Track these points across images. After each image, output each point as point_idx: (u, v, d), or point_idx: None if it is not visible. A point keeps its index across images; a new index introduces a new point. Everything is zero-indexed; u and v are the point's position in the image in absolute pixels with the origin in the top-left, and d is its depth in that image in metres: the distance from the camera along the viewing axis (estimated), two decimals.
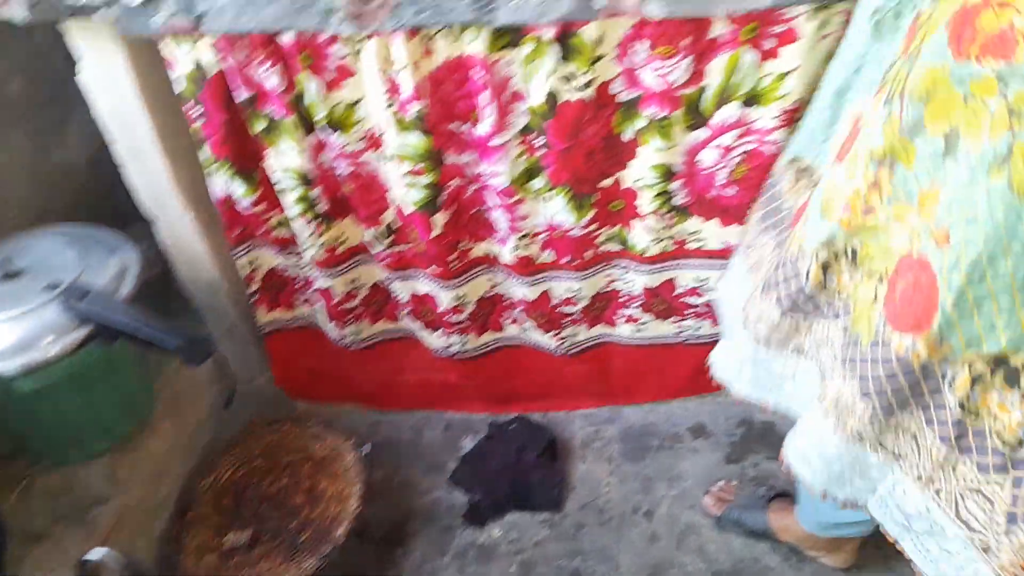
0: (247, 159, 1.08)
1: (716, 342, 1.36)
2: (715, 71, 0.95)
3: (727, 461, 1.45)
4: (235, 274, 1.29)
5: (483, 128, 1.02)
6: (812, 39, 0.89)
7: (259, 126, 1.02)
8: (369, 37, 0.92)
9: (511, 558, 1.35)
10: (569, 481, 1.45)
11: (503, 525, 1.39)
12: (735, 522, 1.32)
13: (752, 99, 0.97)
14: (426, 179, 1.07)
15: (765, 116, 0.98)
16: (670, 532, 1.36)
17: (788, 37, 0.90)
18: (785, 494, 1.30)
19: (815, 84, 0.92)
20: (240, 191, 1.12)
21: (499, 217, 1.16)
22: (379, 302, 1.35)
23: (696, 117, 1.01)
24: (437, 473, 1.48)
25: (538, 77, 0.95)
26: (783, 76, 0.93)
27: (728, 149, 1.03)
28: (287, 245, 1.23)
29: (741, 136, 1.01)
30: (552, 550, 1.35)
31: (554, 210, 1.13)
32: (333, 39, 0.94)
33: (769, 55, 0.92)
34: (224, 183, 1.11)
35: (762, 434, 1.49)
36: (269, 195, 1.14)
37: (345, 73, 0.98)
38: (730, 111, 0.99)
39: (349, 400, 1.55)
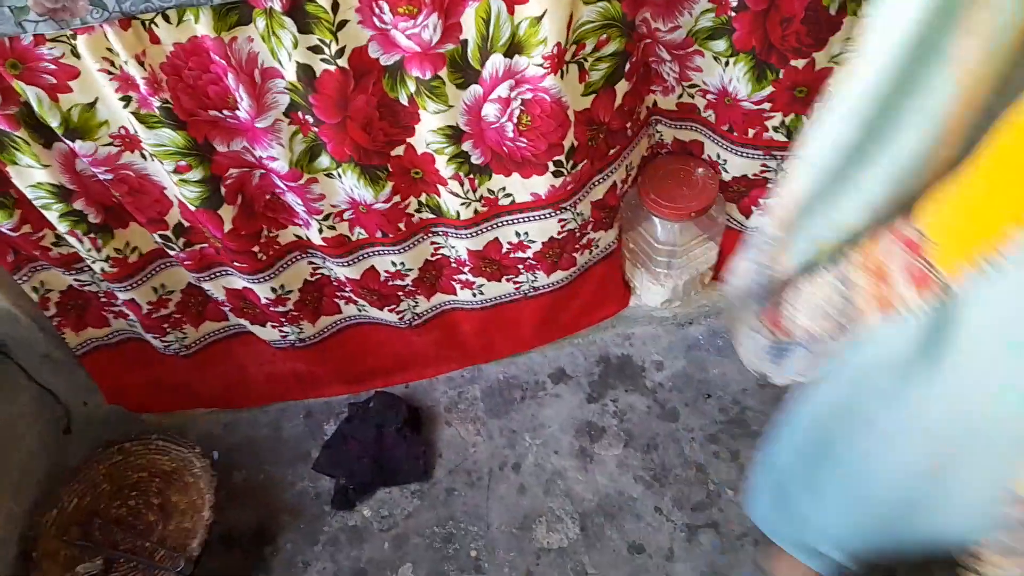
0: None
1: (557, 289, 1.37)
2: (468, 25, 0.90)
3: (588, 400, 1.47)
4: (31, 300, 1.19)
5: (243, 112, 0.95)
6: None
7: None
8: (78, 33, 0.83)
9: (383, 535, 1.34)
10: (435, 448, 1.44)
11: (372, 504, 1.38)
12: None
13: (514, 48, 0.93)
14: (196, 174, 0.99)
15: (531, 64, 0.94)
16: (537, 481, 1.38)
17: None
18: None
19: (571, 27, 0.88)
20: None
21: (293, 201, 1.10)
22: (197, 303, 1.28)
23: (465, 74, 0.96)
24: (302, 464, 1.45)
25: (283, 52, 0.88)
26: (538, 20, 0.89)
27: (506, 101, 1.00)
28: (74, 262, 1.14)
29: (514, 88, 0.97)
30: (424, 519, 1.36)
31: (349, 186, 1.07)
32: (41, 39, 0.84)
33: (517, 0, 0.88)
34: None
35: (620, 368, 1.51)
36: (32, 215, 1.04)
37: (68, 74, 0.88)
38: (496, 63, 0.95)
39: (197, 405, 1.49)
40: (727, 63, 1.05)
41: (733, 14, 0.98)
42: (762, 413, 1.39)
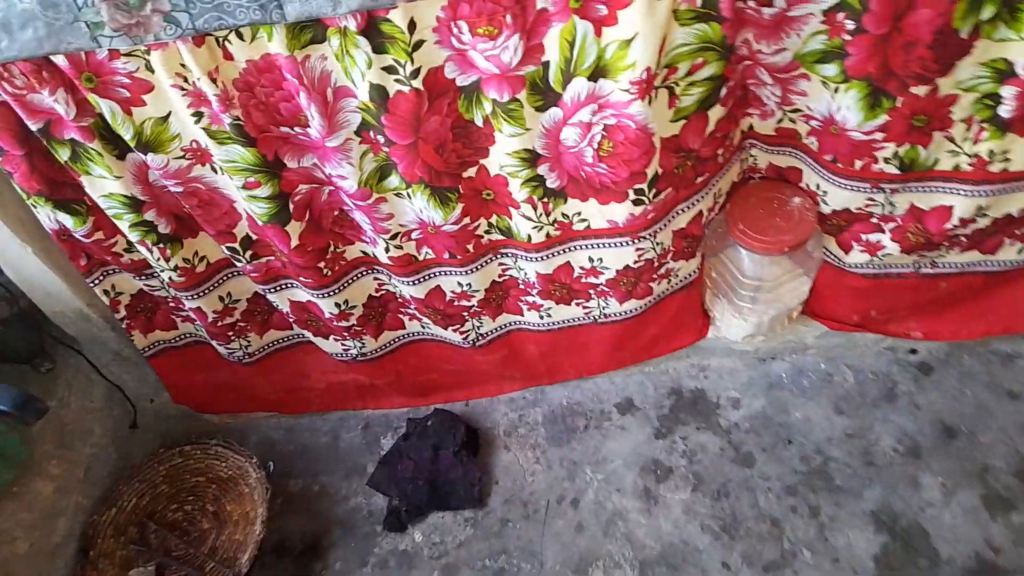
0: (66, 189, 0.98)
1: (629, 318, 1.29)
2: (552, 46, 0.84)
3: (656, 436, 1.39)
4: (102, 300, 1.20)
5: (314, 131, 0.92)
6: (648, 1, 0.77)
7: (63, 155, 0.92)
8: (152, 48, 0.81)
9: (434, 563, 1.30)
10: (492, 474, 1.39)
11: (425, 528, 1.34)
12: None
13: (599, 72, 0.86)
14: (265, 191, 0.97)
15: (616, 89, 0.87)
16: (597, 520, 1.31)
17: (621, 1, 0.78)
18: None
19: (663, 51, 0.80)
20: (69, 222, 1.02)
21: (361, 219, 1.06)
22: (263, 312, 1.27)
23: (545, 96, 0.90)
24: (357, 477, 1.43)
25: (356, 71, 0.84)
26: (627, 44, 0.82)
27: (587, 126, 0.93)
28: (144, 267, 1.14)
29: (597, 112, 0.90)
30: (476, 550, 1.31)
31: (419, 207, 1.03)
32: (116, 54, 0.82)
33: (606, 22, 0.80)
34: (49, 216, 1.01)
35: (692, 402, 1.43)
36: (105, 222, 1.04)
37: (142, 88, 0.86)
38: (579, 86, 0.88)
39: (259, 409, 1.49)
40: (837, 89, 0.95)
41: (848, 37, 0.87)
42: (847, 466, 1.27)
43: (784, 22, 0.88)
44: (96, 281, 1.15)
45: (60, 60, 0.81)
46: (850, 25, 0.86)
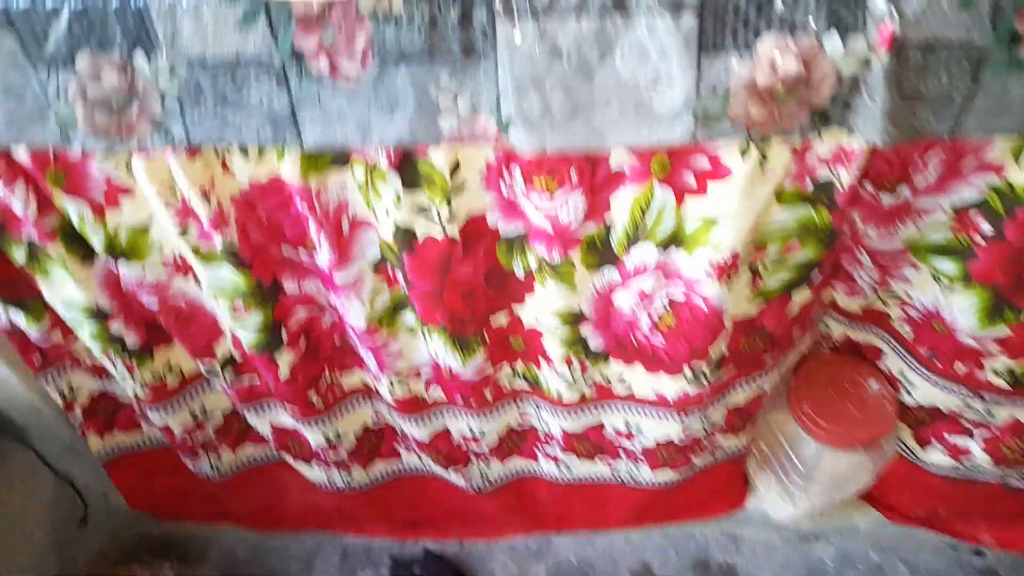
0: (19, 288, 0.83)
1: (660, 488, 1.11)
2: (620, 208, 0.68)
3: None
4: None
5: (322, 260, 0.76)
6: (749, 178, 0.62)
7: (18, 256, 0.77)
8: (134, 153, 0.66)
9: None
10: None
11: None
12: None
13: (672, 240, 0.70)
14: (255, 318, 0.81)
15: (693, 265, 0.71)
16: None
17: (716, 172, 0.63)
18: None
19: (756, 235, 0.65)
20: (22, 321, 0.87)
21: (366, 354, 0.90)
22: (238, 428, 1.10)
23: (602, 257, 0.74)
24: None
25: (381, 207, 0.69)
26: (714, 222, 0.66)
27: (648, 296, 0.77)
28: (106, 371, 0.98)
29: (662, 282, 0.75)
30: None
31: (435, 350, 0.86)
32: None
33: (693, 191, 0.65)
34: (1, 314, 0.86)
35: None
36: (63, 322, 0.88)
37: (119, 190, 0.72)
38: (645, 253, 0.72)
39: (226, 521, 1.30)
40: (952, 288, 0.78)
41: (980, 240, 0.71)
42: None
43: (903, 211, 0.73)
44: (49, 380, 0.99)
45: (21, 154, 0.67)
46: (986, 228, 0.70)
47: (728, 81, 0.54)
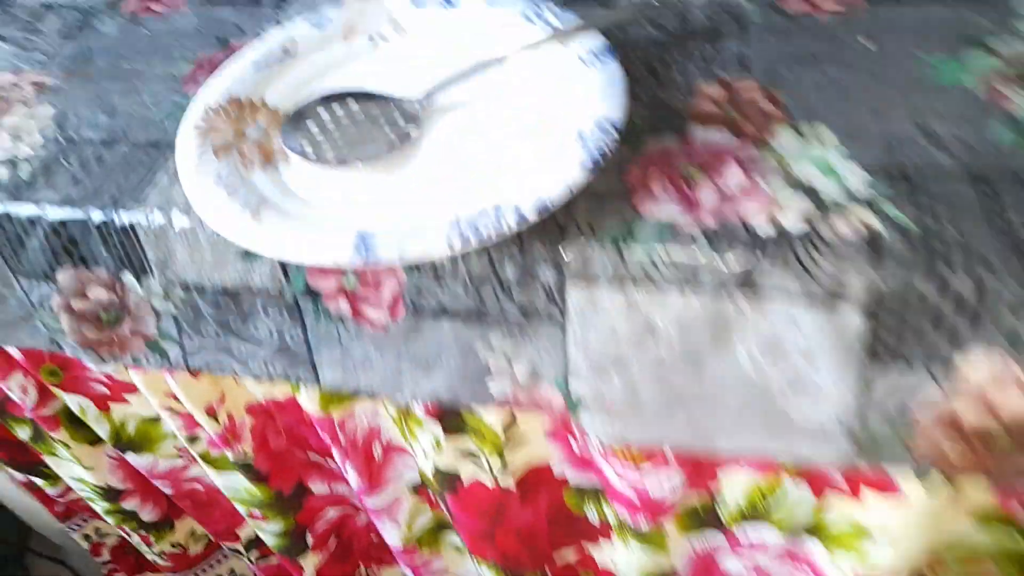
0: (31, 455, 0.74)
1: None
2: (733, 488, 0.50)
3: None
4: None
5: (351, 484, 0.62)
6: (928, 505, 0.42)
7: (23, 434, 0.68)
8: (130, 368, 0.55)
9: None
10: None
11: None
12: None
13: (807, 532, 0.51)
14: (275, 526, 0.68)
15: (830, 563, 0.51)
16: None
17: (879, 484, 0.44)
18: None
19: (931, 550, 0.45)
20: (39, 481, 0.78)
21: (406, 570, 0.75)
22: None
23: (704, 523, 0.56)
24: None
25: (418, 447, 0.54)
26: (866, 532, 0.47)
27: (763, 572, 0.58)
28: None
29: (789, 565, 0.55)
30: None
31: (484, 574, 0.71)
32: None
33: (840, 491, 0.46)
34: (16, 474, 0.78)
35: None
36: None
37: (123, 387, 0.61)
38: (763, 533, 0.53)
39: None
40: None
41: None
42: None
43: None
44: (74, 527, 0.90)
45: (13, 350, 0.57)
46: None
47: (911, 407, 0.36)
